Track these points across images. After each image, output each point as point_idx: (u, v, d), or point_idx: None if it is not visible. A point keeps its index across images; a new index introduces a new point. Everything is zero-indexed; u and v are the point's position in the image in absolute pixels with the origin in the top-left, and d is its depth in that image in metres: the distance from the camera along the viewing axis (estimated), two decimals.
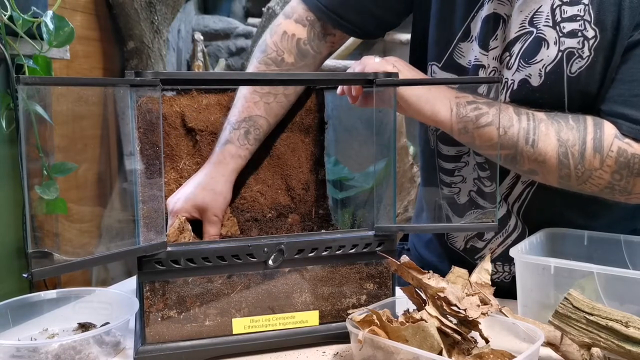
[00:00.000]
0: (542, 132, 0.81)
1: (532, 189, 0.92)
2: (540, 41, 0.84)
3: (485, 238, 0.98)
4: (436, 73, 0.93)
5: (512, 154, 0.83)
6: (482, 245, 0.98)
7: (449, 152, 0.96)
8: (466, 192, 0.97)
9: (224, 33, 2.81)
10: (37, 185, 1.10)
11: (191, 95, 0.86)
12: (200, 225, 0.86)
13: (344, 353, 0.75)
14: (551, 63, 0.83)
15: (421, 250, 1.12)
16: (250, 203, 0.89)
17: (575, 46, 0.82)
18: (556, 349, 0.68)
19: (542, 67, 0.84)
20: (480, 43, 0.89)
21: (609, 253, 0.91)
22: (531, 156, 0.82)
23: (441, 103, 0.82)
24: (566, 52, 0.83)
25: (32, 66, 1.10)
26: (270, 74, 0.89)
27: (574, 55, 0.82)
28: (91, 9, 1.55)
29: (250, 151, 0.89)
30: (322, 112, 0.93)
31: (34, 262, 0.59)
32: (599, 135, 0.81)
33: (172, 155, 0.87)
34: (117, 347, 0.77)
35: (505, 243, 0.97)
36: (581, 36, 0.82)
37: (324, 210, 0.93)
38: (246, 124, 0.88)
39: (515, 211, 0.95)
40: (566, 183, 0.83)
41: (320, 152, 0.94)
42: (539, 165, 0.82)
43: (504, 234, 0.97)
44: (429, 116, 0.82)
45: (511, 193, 0.93)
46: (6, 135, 1.14)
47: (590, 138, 0.80)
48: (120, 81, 0.71)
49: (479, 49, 0.89)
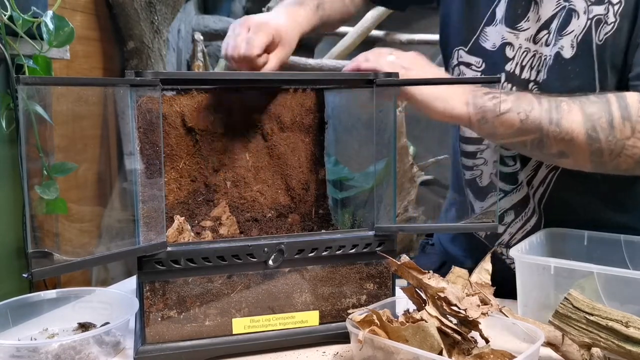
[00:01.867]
0: (565, 109, 0.81)
1: (556, 174, 0.92)
2: (571, 13, 0.86)
3: (505, 222, 0.99)
4: (462, 57, 0.97)
5: (538, 137, 0.81)
6: (502, 229, 0.99)
7: (472, 134, 0.98)
8: (488, 175, 0.98)
9: (224, 33, 2.80)
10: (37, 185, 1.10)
11: (191, 95, 0.86)
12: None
13: (344, 353, 0.75)
14: (581, 32, 0.85)
15: (446, 245, 1.13)
16: (250, 203, 0.89)
17: (602, 12, 0.84)
18: (556, 349, 0.68)
19: (574, 37, 0.86)
20: (509, 24, 0.91)
21: (609, 253, 0.91)
22: (557, 136, 0.80)
23: (456, 98, 0.82)
24: (594, 20, 0.84)
25: (32, 66, 1.10)
26: (270, 73, 0.89)
27: (601, 22, 0.84)
28: (91, 9, 1.55)
29: (316, 23, 0.98)
30: (322, 112, 0.93)
31: (34, 262, 0.59)
32: (624, 104, 0.80)
33: (172, 155, 0.87)
34: (117, 347, 0.77)
35: (525, 228, 0.97)
36: (607, 2, 0.84)
37: (324, 210, 0.93)
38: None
39: (537, 200, 0.95)
40: (599, 160, 0.81)
41: (320, 152, 0.93)
42: (567, 145, 0.81)
43: (522, 217, 0.97)
44: (444, 113, 0.82)
45: (535, 176, 0.94)
46: (6, 135, 1.14)
47: (616, 107, 0.80)
48: (120, 81, 0.71)
49: (507, 29, 0.91)
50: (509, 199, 0.97)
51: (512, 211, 0.98)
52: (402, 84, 0.80)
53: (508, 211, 0.98)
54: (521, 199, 0.96)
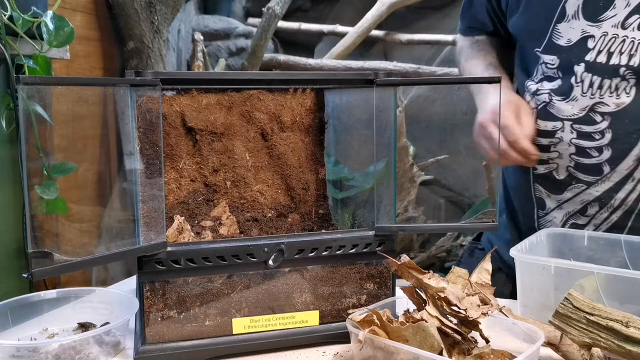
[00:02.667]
0: None
1: None
2: None
3: (588, 214, 0.99)
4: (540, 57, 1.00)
5: None
6: (586, 221, 0.99)
7: (546, 127, 0.99)
8: (564, 168, 0.98)
9: (224, 33, 2.81)
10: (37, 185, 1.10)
11: (191, 95, 0.86)
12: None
13: (344, 353, 0.75)
14: None
15: (501, 250, 1.12)
16: (250, 203, 0.89)
17: None
18: (556, 349, 0.68)
19: None
20: (588, 17, 0.93)
21: (609, 253, 0.91)
22: None
23: None
24: None
25: (32, 66, 1.10)
26: (270, 73, 0.89)
27: None
28: (91, 9, 1.55)
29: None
30: (322, 112, 0.93)
31: (34, 262, 0.59)
32: None
33: (172, 155, 0.86)
34: (117, 347, 0.77)
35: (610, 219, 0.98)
36: None
37: (324, 210, 0.93)
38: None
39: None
40: None
41: (320, 152, 0.93)
42: None
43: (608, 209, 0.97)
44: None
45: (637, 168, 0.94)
46: (6, 135, 1.14)
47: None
48: (120, 81, 0.71)
49: (587, 22, 0.93)
50: (593, 190, 0.98)
51: (596, 203, 0.98)
52: (402, 83, 0.80)
53: (592, 203, 0.98)
54: (606, 190, 0.96)
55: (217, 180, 0.88)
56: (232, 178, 0.89)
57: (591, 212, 0.98)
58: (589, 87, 0.93)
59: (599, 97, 0.93)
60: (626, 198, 0.95)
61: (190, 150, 0.88)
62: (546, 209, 1.03)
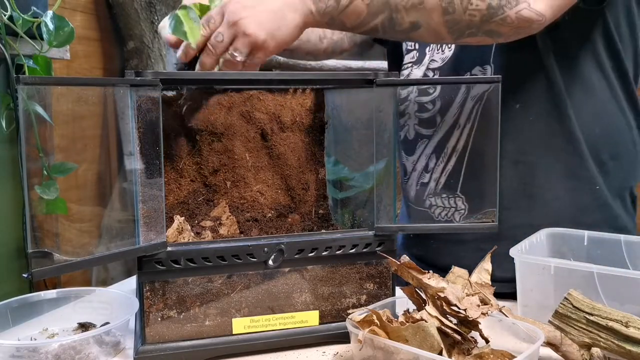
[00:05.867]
0: None
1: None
2: None
3: (429, 168, 1.00)
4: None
5: (387, 16, 0.79)
6: (428, 178, 1.00)
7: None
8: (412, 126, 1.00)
9: None
10: (37, 185, 1.09)
11: (191, 95, 0.86)
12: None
13: (344, 353, 0.75)
14: None
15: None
16: (250, 203, 0.89)
17: None
18: (556, 349, 0.68)
19: None
20: None
21: (609, 253, 0.91)
22: (407, 4, 0.78)
23: (294, 10, 0.79)
24: None
25: (32, 66, 1.10)
26: (270, 73, 0.89)
27: None
28: (91, 9, 1.55)
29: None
30: (322, 112, 0.93)
31: (34, 262, 0.59)
32: None
33: (172, 155, 0.87)
34: (117, 347, 0.77)
35: (447, 169, 0.99)
36: None
37: (324, 210, 0.93)
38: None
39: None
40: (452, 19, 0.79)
41: (320, 152, 0.93)
42: (418, 11, 0.79)
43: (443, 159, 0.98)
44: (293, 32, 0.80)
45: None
46: (6, 135, 1.14)
47: None
48: (120, 81, 0.71)
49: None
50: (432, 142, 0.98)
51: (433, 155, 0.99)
52: (402, 83, 0.80)
53: (431, 156, 0.99)
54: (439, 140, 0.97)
55: (217, 180, 0.88)
56: (232, 178, 0.89)
57: (431, 165, 0.99)
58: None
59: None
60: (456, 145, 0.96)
61: (190, 151, 0.88)
62: (407, 173, 1.04)
